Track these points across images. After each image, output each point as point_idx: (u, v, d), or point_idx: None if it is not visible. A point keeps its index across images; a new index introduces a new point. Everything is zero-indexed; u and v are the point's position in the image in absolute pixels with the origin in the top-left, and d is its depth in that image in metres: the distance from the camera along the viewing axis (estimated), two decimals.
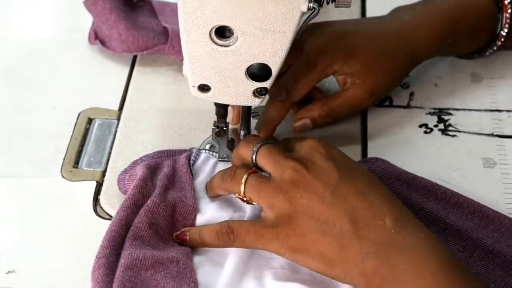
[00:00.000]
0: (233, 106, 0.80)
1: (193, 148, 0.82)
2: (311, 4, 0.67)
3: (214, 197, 0.78)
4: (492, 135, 0.86)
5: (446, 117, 0.88)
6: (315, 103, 0.83)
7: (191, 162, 0.80)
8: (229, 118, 0.82)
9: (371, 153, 0.84)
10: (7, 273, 0.73)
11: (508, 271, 0.72)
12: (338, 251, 0.65)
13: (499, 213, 0.76)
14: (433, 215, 0.75)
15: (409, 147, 0.85)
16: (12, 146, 0.85)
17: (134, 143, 0.85)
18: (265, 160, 0.72)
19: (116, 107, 0.90)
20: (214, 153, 0.82)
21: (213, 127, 0.81)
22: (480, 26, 0.88)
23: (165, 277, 0.67)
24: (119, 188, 0.79)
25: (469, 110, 0.89)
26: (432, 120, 0.88)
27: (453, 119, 0.88)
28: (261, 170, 0.72)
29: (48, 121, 0.88)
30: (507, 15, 0.87)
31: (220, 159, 0.83)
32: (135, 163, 0.80)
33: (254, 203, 0.73)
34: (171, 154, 0.81)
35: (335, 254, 0.66)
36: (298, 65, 0.81)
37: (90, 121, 0.88)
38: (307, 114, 0.82)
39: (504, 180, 0.82)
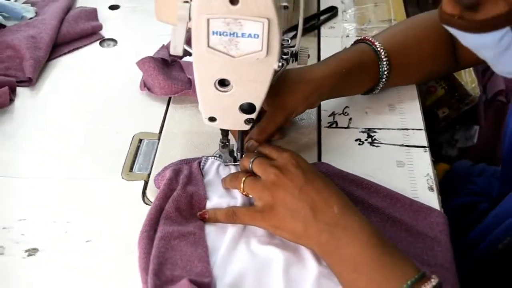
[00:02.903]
0: (232, 130, 0.80)
1: (203, 156, 0.82)
2: (280, 63, 0.67)
3: (226, 188, 0.78)
4: (402, 145, 0.85)
5: (372, 134, 0.87)
6: (254, 128, 0.80)
7: (201, 166, 0.80)
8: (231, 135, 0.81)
9: (324, 159, 0.83)
10: (86, 242, 0.73)
11: (410, 234, 0.72)
12: (303, 229, 0.67)
13: (404, 195, 0.76)
14: (360, 199, 0.75)
15: (349, 154, 0.85)
16: (90, 157, 0.85)
17: (169, 155, 0.84)
18: (257, 167, 0.73)
19: (157, 131, 0.89)
20: (218, 159, 0.82)
21: (220, 143, 0.81)
22: (366, 66, 0.86)
23: (186, 244, 0.69)
24: (155, 185, 0.79)
25: (388, 129, 0.88)
26: (363, 136, 0.87)
27: (377, 135, 0.87)
28: (256, 174, 0.73)
29: (114, 140, 0.88)
30: (384, 60, 0.86)
31: (225, 164, 0.82)
32: (165, 169, 0.80)
33: (249, 195, 0.74)
34: (188, 161, 0.81)
35: (301, 231, 0.67)
36: None
37: (140, 141, 0.88)
38: (250, 137, 0.80)
39: (410, 175, 0.81)
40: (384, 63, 0.86)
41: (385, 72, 0.87)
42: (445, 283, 0.67)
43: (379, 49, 0.86)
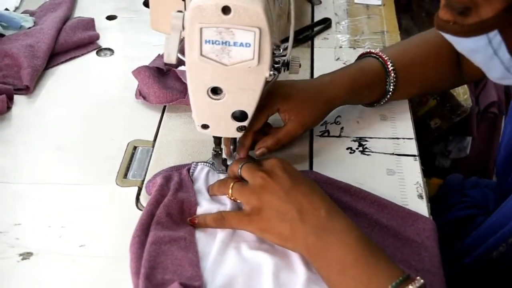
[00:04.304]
0: (224, 138, 0.80)
1: (192, 162, 0.82)
2: (271, 72, 0.69)
3: (213, 195, 0.78)
4: (393, 154, 0.86)
5: (364, 143, 0.88)
6: (268, 136, 0.82)
7: (191, 172, 0.81)
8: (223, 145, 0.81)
9: (316, 168, 0.84)
10: (80, 246, 0.73)
11: (398, 239, 0.73)
12: (290, 232, 0.67)
13: (391, 202, 0.77)
14: (348, 205, 0.76)
15: (340, 162, 0.85)
16: (84, 164, 0.85)
17: (163, 162, 0.84)
18: (245, 173, 0.74)
19: (152, 139, 0.89)
20: (207, 165, 0.82)
21: (212, 151, 0.81)
22: (374, 83, 0.88)
23: (177, 249, 0.69)
24: (146, 191, 0.80)
25: (379, 138, 0.89)
26: (355, 145, 0.88)
27: (368, 144, 0.88)
28: (244, 180, 0.74)
29: (108, 147, 0.88)
30: (392, 77, 0.88)
31: (218, 172, 0.82)
32: (155, 175, 0.80)
33: (238, 200, 0.74)
34: (178, 168, 0.81)
35: (288, 234, 0.68)
36: None
37: (135, 148, 0.88)
38: (263, 145, 0.81)
39: (400, 183, 0.82)
40: (392, 81, 0.88)
41: (391, 89, 0.89)
42: None
43: (390, 68, 0.88)
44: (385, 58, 0.88)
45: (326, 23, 1.15)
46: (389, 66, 0.88)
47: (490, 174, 1.59)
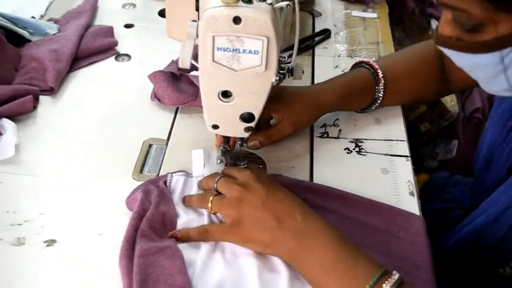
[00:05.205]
0: (232, 137, 0.81)
1: (168, 173, 0.80)
2: (277, 77, 0.69)
3: (189, 206, 0.76)
4: (386, 154, 0.86)
5: (360, 144, 0.88)
6: (261, 131, 0.83)
7: (168, 184, 0.79)
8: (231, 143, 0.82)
9: (316, 167, 0.84)
10: (99, 235, 0.74)
11: (363, 227, 0.73)
12: (270, 239, 0.67)
13: (356, 195, 0.78)
14: (314, 202, 0.75)
15: (338, 161, 0.85)
16: (103, 160, 0.85)
17: (175, 159, 0.85)
18: (221, 187, 0.73)
19: (165, 137, 0.89)
20: (181, 174, 0.80)
21: (221, 149, 0.82)
22: (365, 90, 0.89)
23: (164, 258, 0.67)
24: (127, 207, 0.77)
25: (373, 139, 0.89)
26: (352, 146, 0.88)
27: (364, 145, 0.88)
28: (220, 193, 0.73)
29: (125, 145, 0.88)
30: (381, 84, 0.88)
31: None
32: (134, 191, 0.77)
33: (217, 214, 0.73)
34: (154, 181, 0.79)
35: (268, 241, 0.67)
36: None
37: (150, 146, 0.88)
38: (256, 137, 0.82)
39: (393, 181, 0.82)
40: (381, 89, 0.88)
41: (380, 97, 0.89)
42: (423, 281, 0.67)
43: (380, 76, 0.88)
44: (376, 68, 0.88)
45: (326, 34, 1.15)
46: (379, 75, 0.88)
47: (473, 175, 1.59)
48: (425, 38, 1.47)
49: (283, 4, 0.67)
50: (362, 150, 0.87)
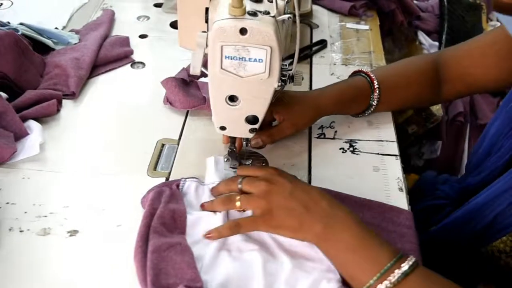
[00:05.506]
0: (238, 137, 0.81)
1: (182, 178, 0.78)
2: (279, 83, 0.69)
3: (212, 211, 0.73)
4: (378, 153, 0.86)
5: (354, 144, 0.88)
6: (263, 131, 0.82)
7: (180, 187, 0.77)
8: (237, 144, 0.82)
9: (314, 165, 0.84)
10: (117, 226, 0.74)
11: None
12: (299, 224, 0.67)
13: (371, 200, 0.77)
14: None
15: (334, 160, 0.85)
16: (121, 158, 0.86)
17: (186, 157, 0.85)
18: (247, 185, 0.72)
19: (177, 138, 0.89)
20: (194, 180, 0.78)
21: (228, 149, 0.82)
22: (360, 97, 0.89)
23: (175, 253, 0.66)
24: (142, 206, 0.76)
25: (366, 140, 0.89)
26: (346, 146, 0.88)
27: (357, 145, 0.88)
28: (244, 193, 0.72)
29: (140, 144, 0.88)
30: (376, 93, 0.88)
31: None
32: (148, 192, 0.76)
33: (247, 210, 0.71)
34: (168, 183, 0.78)
35: (297, 226, 0.67)
36: None
37: (163, 145, 0.88)
38: (258, 136, 0.82)
39: (384, 178, 0.82)
40: (375, 98, 0.88)
41: (374, 105, 0.89)
42: None
43: (375, 86, 0.87)
44: (372, 77, 0.88)
45: (322, 44, 1.15)
46: (375, 84, 0.87)
47: (456, 173, 1.59)
48: (413, 48, 1.47)
49: (285, 17, 0.67)
50: (356, 150, 0.87)
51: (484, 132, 0.88)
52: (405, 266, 0.60)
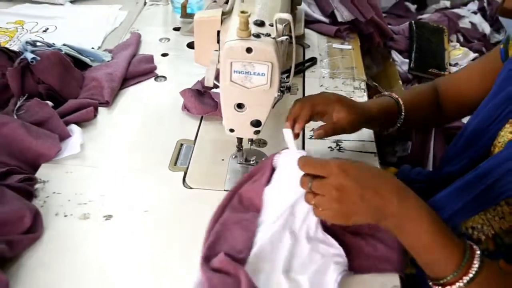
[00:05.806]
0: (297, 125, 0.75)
1: (277, 152, 0.72)
2: (278, 93, 0.69)
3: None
4: (360, 151, 0.86)
5: (340, 144, 0.88)
6: (326, 124, 0.75)
7: (274, 162, 0.71)
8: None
9: None
10: (144, 211, 0.74)
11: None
12: (374, 214, 0.59)
13: None
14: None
15: (324, 157, 0.78)
16: (146, 155, 0.85)
17: (201, 155, 0.85)
18: (317, 190, 0.61)
19: (193, 138, 0.89)
20: (285, 150, 0.71)
21: (236, 148, 0.81)
22: (390, 115, 0.83)
23: (239, 227, 0.65)
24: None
25: (350, 140, 0.88)
26: (333, 145, 0.88)
27: (343, 144, 0.88)
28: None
29: (163, 144, 0.87)
30: (402, 116, 0.83)
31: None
32: (273, 155, 0.71)
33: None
34: (267, 160, 0.73)
35: (373, 215, 0.59)
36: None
37: (181, 145, 0.88)
38: (322, 128, 0.75)
39: None
40: (402, 117, 0.83)
41: (398, 126, 0.84)
42: (388, 262, 0.64)
43: (402, 107, 0.83)
44: (401, 102, 0.83)
45: (313, 61, 1.15)
46: (402, 107, 0.83)
47: (424, 167, 1.59)
48: (387, 65, 1.46)
49: (283, 38, 0.67)
50: (341, 148, 0.87)
51: (462, 130, 0.84)
52: (476, 261, 0.56)
